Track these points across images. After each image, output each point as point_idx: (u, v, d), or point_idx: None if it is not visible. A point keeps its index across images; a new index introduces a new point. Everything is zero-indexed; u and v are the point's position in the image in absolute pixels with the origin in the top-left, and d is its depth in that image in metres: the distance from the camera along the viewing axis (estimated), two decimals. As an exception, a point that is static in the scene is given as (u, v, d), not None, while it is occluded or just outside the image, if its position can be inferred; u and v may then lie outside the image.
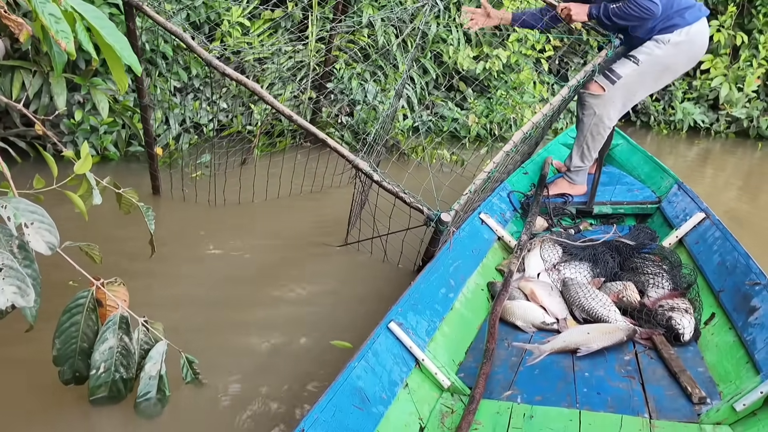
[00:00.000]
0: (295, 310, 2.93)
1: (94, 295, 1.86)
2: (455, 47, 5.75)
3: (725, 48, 6.50)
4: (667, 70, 3.26)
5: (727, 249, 2.56)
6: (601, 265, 2.77)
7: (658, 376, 2.11)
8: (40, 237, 1.50)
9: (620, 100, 3.31)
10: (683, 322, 2.30)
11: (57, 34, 1.46)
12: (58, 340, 1.83)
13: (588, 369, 2.16)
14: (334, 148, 2.87)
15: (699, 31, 3.17)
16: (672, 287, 2.57)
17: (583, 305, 2.49)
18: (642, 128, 6.88)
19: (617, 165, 3.87)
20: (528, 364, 2.20)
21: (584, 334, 2.30)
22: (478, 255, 2.88)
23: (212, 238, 3.61)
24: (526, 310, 2.52)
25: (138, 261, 3.04)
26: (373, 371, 1.92)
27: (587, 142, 3.42)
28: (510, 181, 3.54)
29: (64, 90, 4.25)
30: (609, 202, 3.42)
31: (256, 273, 3.25)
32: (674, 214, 3.11)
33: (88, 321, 1.85)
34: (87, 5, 1.56)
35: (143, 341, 1.97)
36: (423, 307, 2.32)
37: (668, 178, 3.41)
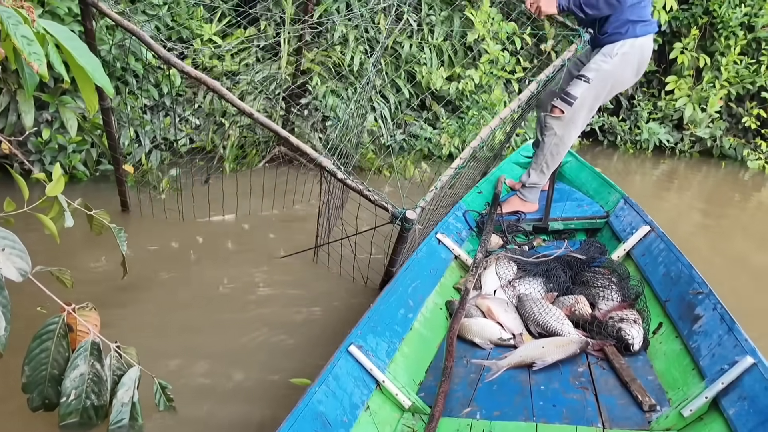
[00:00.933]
0: (265, 332, 2.95)
1: (65, 320, 1.83)
2: (428, 67, 5.86)
3: (689, 69, 6.73)
4: (616, 83, 3.41)
5: (672, 260, 2.67)
6: (554, 280, 2.86)
7: (610, 386, 2.19)
8: (11, 263, 1.47)
9: (580, 119, 3.46)
10: (632, 333, 2.39)
11: (29, 56, 1.45)
12: (28, 367, 1.79)
13: (543, 382, 2.23)
14: (297, 146, 2.87)
15: (643, 45, 3.32)
16: (621, 299, 2.67)
17: (538, 320, 2.56)
18: (609, 147, 7.07)
19: (567, 181, 4.00)
20: (486, 380, 2.25)
21: (539, 348, 2.37)
22: (436, 274, 2.93)
23: (183, 258, 3.61)
24: (483, 327, 2.58)
25: (109, 283, 3.02)
26: (333, 395, 1.95)
27: (546, 161, 3.54)
28: (465, 200, 3.62)
29: (32, 108, 4.18)
30: (560, 218, 3.53)
31: (227, 293, 3.26)
32: (621, 227, 3.22)
33: (59, 347, 1.82)
34: (59, 26, 1.55)
35: (115, 367, 1.93)
36: (382, 328, 2.35)
37: (615, 193, 3.54)
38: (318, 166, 2.82)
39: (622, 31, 3.27)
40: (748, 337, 1.99)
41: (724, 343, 2.06)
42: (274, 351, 2.80)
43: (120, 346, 2.00)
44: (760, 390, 1.79)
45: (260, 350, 2.80)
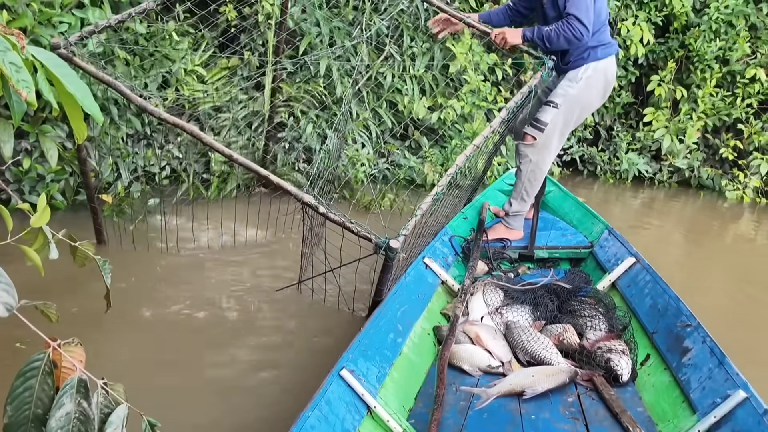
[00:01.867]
0: (252, 363, 2.93)
1: (50, 357, 1.76)
2: (410, 97, 5.91)
3: (666, 101, 6.87)
4: (584, 106, 3.50)
5: (658, 292, 2.70)
6: (542, 309, 2.87)
7: (600, 416, 2.19)
8: None
9: (553, 144, 3.52)
10: (621, 364, 2.40)
11: (18, 83, 1.40)
12: (10, 407, 1.68)
13: (534, 411, 2.22)
14: (278, 183, 2.88)
15: (606, 67, 3.41)
16: (608, 329, 2.69)
17: (527, 348, 2.56)
18: (589, 177, 7.13)
19: (550, 211, 4.04)
20: (476, 408, 2.24)
21: (529, 376, 2.36)
22: (424, 299, 2.92)
23: (165, 291, 3.54)
24: (472, 353, 2.57)
25: (91, 317, 2.93)
26: (326, 420, 1.91)
27: (525, 188, 3.59)
28: (451, 225, 3.63)
29: (11, 137, 4.07)
30: (545, 247, 3.55)
31: (211, 326, 3.22)
32: (606, 258, 3.26)
33: (44, 385, 1.71)
34: (47, 53, 1.50)
35: (103, 405, 1.85)
36: (373, 353, 2.33)
37: (599, 224, 3.58)
38: (301, 203, 2.83)
39: (584, 56, 3.36)
40: (739, 371, 2.02)
41: (714, 376, 2.08)
42: (261, 382, 2.78)
43: (107, 383, 1.93)
44: (753, 424, 1.80)
45: (246, 381, 2.77)
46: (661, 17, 6.70)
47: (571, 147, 6.98)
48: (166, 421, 2.18)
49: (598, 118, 7.05)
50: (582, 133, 7.01)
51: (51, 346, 1.77)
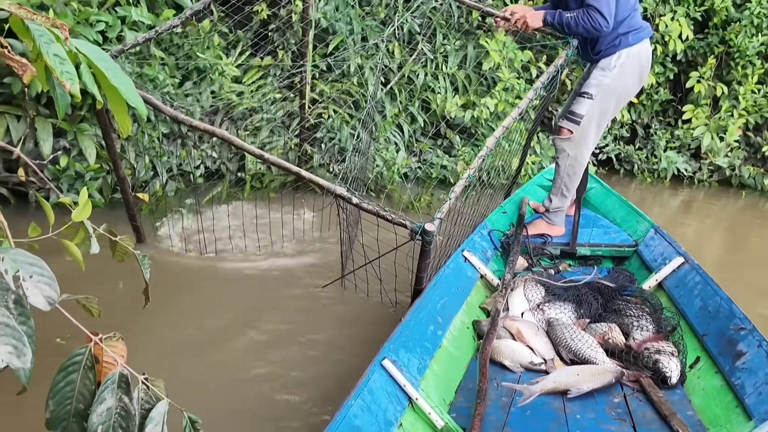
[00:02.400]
0: (293, 359, 2.90)
1: (91, 351, 1.73)
2: (443, 95, 5.83)
3: (706, 99, 6.67)
4: (620, 95, 3.38)
5: (709, 293, 2.61)
6: (585, 307, 2.79)
7: (648, 419, 2.12)
8: (38, 291, 1.35)
9: (590, 136, 3.42)
10: (670, 366, 2.32)
11: (62, 75, 1.38)
12: (52, 401, 1.64)
13: (579, 411, 2.15)
14: (310, 179, 2.88)
15: (640, 52, 3.28)
16: (656, 330, 2.61)
17: (570, 346, 2.49)
18: (625, 176, 6.95)
19: (592, 208, 3.95)
20: (519, 405, 2.18)
21: (574, 375, 2.30)
22: (463, 293, 2.87)
23: (204, 288, 3.54)
24: (513, 349, 2.51)
25: (130, 312, 2.93)
26: (369, 410, 1.88)
27: (565, 183, 3.51)
28: (490, 219, 3.57)
29: (50, 135, 4.15)
30: (587, 244, 3.47)
31: (252, 322, 3.19)
32: (652, 257, 3.16)
33: (85, 380, 1.67)
34: (91, 46, 1.48)
35: (144, 401, 1.82)
36: (413, 344, 2.29)
37: (644, 222, 3.49)
38: (333, 196, 2.81)
39: (615, 44, 3.25)
40: None
41: (772, 382, 2.00)
42: (303, 376, 2.76)
43: (148, 378, 1.90)
44: None
45: (288, 376, 2.75)
46: (700, 12, 6.51)
47: (607, 145, 6.83)
48: (206, 417, 2.16)
49: (635, 115, 6.88)
50: (618, 131, 6.86)
51: (92, 340, 1.74)
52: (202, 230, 3.96)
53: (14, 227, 1.63)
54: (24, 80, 1.42)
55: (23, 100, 4.14)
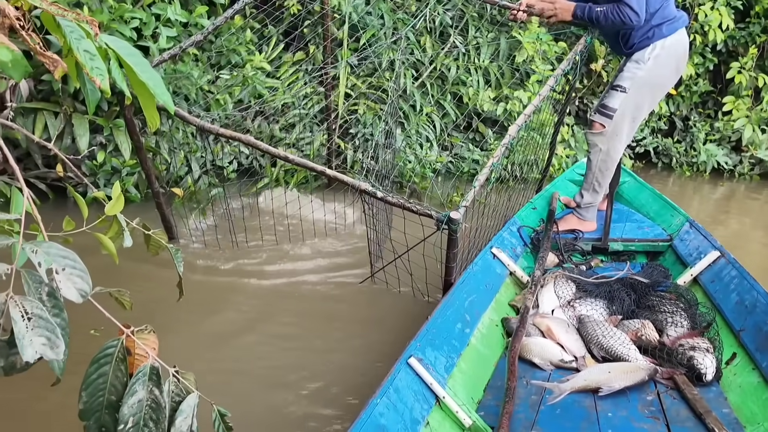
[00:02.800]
0: (321, 353, 2.91)
1: (123, 344, 1.76)
2: (475, 89, 5.77)
3: (747, 90, 6.46)
4: (655, 87, 3.28)
5: (746, 288, 2.53)
6: (618, 303, 2.73)
7: (682, 417, 2.07)
8: (71, 284, 1.37)
9: (624, 131, 3.33)
10: (705, 362, 2.27)
11: (92, 71, 1.40)
12: (85, 393, 1.65)
13: (611, 409, 2.11)
14: (335, 177, 2.93)
15: (675, 42, 3.18)
16: (690, 326, 2.54)
17: (602, 343, 2.45)
18: (663, 170, 6.77)
19: (625, 202, 3.87)
20: (549, 403, 2.15)
21: (605, 373, 2.26)
22: (492, 290, 2.84)
23: (235, 282, 3.56)
24: (543, 347, 2.47)
25: (161, 306, 2.97)
26: (395, 408, 1.87)
27: (597, 179, 3.44)
28: (519, 215, 3.53)
29: (86, 131, 4.25)
30: (620, 239, 3.40)
31: (281, 317, 3.23)
32: (687, 252, 3.09)
33: (117, 372, 1.68)
34: (120, 41, 1.49)
35: (174, 393, 1.84)
36: (440, 342, 2.27)
37: (679, 216, 3.40)
38: (358, 192, 2.84)
39: (648, 36, 3.15)
40: None
41: (812, 379, 1.93)
42: (336, 372, 2.77)
43: (178, 371, 1.91)
44: None
45: (322, 372, 2.77)
46: (741, 1, 6.29)
47: (644, 138, 6.67)
48: (235, 411, 2.18)
49: (674, 107, 6.70)
50: (656, 124, 6.69)
51: (124, 333, 1.77)
52: (231, 223, 3.99)
53: (52, 222, 1.68)
54: (55, 76, 1.44)
55: (60, 96, 4.25)
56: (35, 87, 4.22)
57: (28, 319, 1.29)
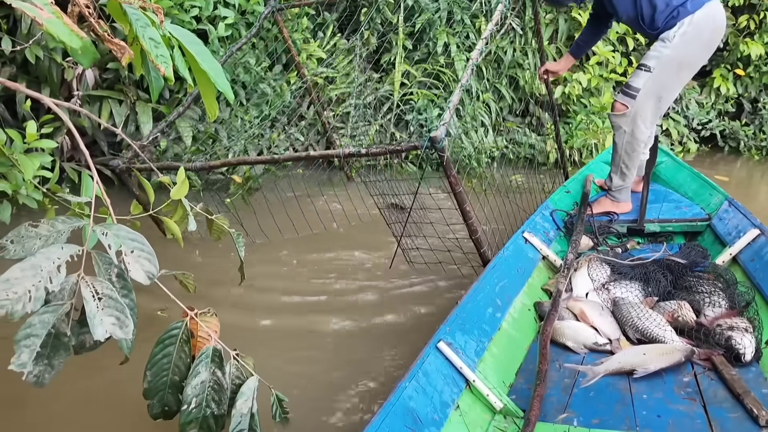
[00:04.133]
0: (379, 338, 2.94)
1: (188, 325, 1.80)
2: (532, 72, 5.69)
3: (821, 70, 6.23)
4: (683, 65, 3.13)
5: None
6: (653, 284, 2.68)
7: (720, 398, 2.02)
8: (139, 266, 1.43)
9: (648, 112, 3.21)
10: (744, 342, 2.20)
11: (157, 58, 1.45)
12: (150, 372, 1.74)
13: (646, 391, 2.08)
14: (320, 155, 3.05)
15: (704, 17, 3.02)
16: (729, 306, 2.48)
17: (637, 325, 2.40)
18: (731, 153, 6.57)
19: (662, 182, 3.79)
20: (582, 386, 2.13)
21: (640, 355, 2.22)
22: (524, 274, 2.82)
23: (290, 269, 3.61)
24: (576, 330, 2.45)
25: (222, 289, 3.02)
26: (424, 391, 1.88)
27: (624, 161, 3.35)
28: (552, 199, 3.49)
29: (150, 119, 4.40)
30: (657, 220, 3.33)
31: (338, 301, 3.26)
32: (726, 231, 3.01)
33: (181, 353, 1.76)
34: (183, 30, 1.54)
35: (234, 376, 1.86)
36: (471, 326, 2.27)
37: (717, 195, 3.32)
38: (343, 157, 2.94)
39: (674, 15, 3.03)
40: None
41: None
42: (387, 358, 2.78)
43: (239, 354, 1.93)
44: None
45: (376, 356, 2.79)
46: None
47: (710, 121, 6.45)
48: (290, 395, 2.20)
49: (742, 89, 6.45)
50: (723, 106, 6.46)
51: (188, 315, 1.81)
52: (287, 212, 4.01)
53: (117, 207, 1.73)
54: (122, 62, 1.50)
55: (124, 84, 4.41)
56: (100, 75, 4.38)
57: (99, 299, 1.35)
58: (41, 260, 1.32)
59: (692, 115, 6.43)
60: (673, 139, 6.26)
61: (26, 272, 1.29)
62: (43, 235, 1.45)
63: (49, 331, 1.35)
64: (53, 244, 1.43)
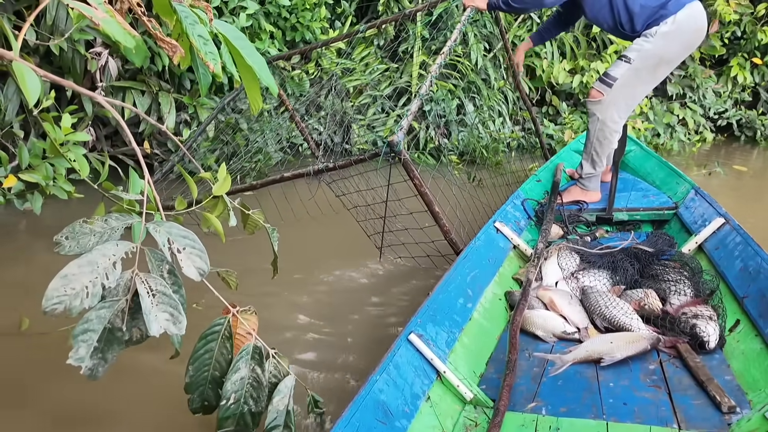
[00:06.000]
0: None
1: (230, 322, 1.78)
2: (549, 61, 5.66)
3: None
4: (662, 62, 3.23)
5: (750, 254, 2.51)
6: (621, 273, 2.72)
7: (684, 385, 2.06)
8: (191, 263, 1.44)
9: (621, 101, 3.31)
10: (708, 330, 2.25)
11: (206, 55, 1.46)
12: (192, 367, 1.74)
13: (612, 379, 2.12)
14: (291, 176, 3.08)
15: (686, 18, 3.13)
16: (694, 294, 2.53)
17: (604, 314, 2.44)
18: (747, 143, 6.58)
19: (631, 171, 3.84)
20: (551, 375, 2.16)
21: (607, 343, 2.26)
22: (495, 264, 2.84)
23: (321, 262, 3.54)
24: (546, 319, 2.48)
25: (256, 285, 2.98)
26: (395, 384, 1.89)
27: (595, 148, 3.41)
28: (523, 188, 3.51)
29: (173, 109, 4.41)
30: (625, 209, 3.38)
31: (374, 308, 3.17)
32: (692, 219, 3.06)
33: (222, 349, 1.76)
34: (228, 26, 1.55)
35: (272, 374, 1.85)
36: (442, 317, 2.28)
37: (684, 184, 3.37)
38: (313, 174, 2.99)
39: (655, 18, 3.15)
40: None
41: (814, 344, 1.91)
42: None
43: (277, 353, 1.92)
44: None
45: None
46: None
47: (726, 111, 6.45)
48: (324, 394, 2.16)
49: (759, 78, 6.47)
50: (739, 96, 6.47)
51: (230, 311, 1.80)
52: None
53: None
54: (174, 60, 1.50)
55: (147, 75, 4.41)
56: (122, 66, 4.36)
57: (153, 295, 1.37)
58: (97, 257, 1.34)
59: (709, 104, 6.42)
60: (689, 128, 6.24)
61: (83, 268, 1.31)
62: (98, 232, 1.47)
63: (105, 326, 1.37)
64: (107, 240, 1.44)
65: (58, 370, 1.61)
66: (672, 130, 6.01)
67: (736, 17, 6.07)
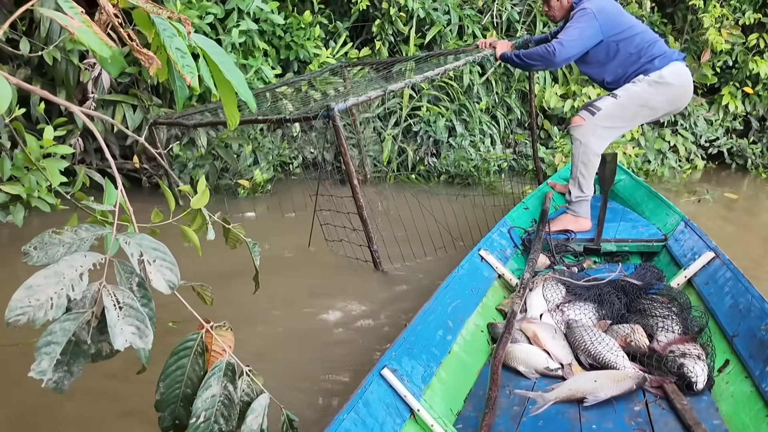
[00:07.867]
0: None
1: (203, 338, 1.72)
2: (541, 86, 5.73)
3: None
4: (645, 106, 3.40)
5: (740, 291, 2.43)
6: (607, 307, 2.63)
7: (670, 428, 1.97)
8: (161, 275, 1.40)
9: (601, 130, 3.41)
10: (696, 370, 2.16)
11: (183, 68, 1.46)
12: (163, 384, 1.69)
13: (596, 420, 2.02)
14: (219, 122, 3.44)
15: (672, 74, 3.34)
16: (682, 331, 2.44)
17: (589, 350, 2.35)
18: (738, 171, 6.58)
19: (620, 201, 3.77)
20: (531, 414, 2.05)
21: (591, 381, 2.16)
22: (478, 294, 2.75)
23: (304, 283, 3.50)
24: (528, 354, 2.38)
25: (235, 300, 2.92)
26: (363, 424, 1.78)
27: (581, 171, 3.45)
28: (510, 216, 3.43)
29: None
30: (613, 239, 3.30)
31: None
32: (681, 252, 2.98)
33: (195, 365, 1.70)
34: (207, 40, 1.54)
35: (245, 392, 1.79)
36: (419, 350, 2.18)
37: (674, 215, 3.30)
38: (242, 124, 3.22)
39: (641, 72, 3.38)
40: None
41: (807, 389, 1.82)
42: None
43: (252, 371, 1.86)
44: None
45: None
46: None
47: (718, 139, 6.48)
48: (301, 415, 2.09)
49: (750, 107, 6.52)
50: (731, 124, 6.51)
51: (204, 327, 1.73)
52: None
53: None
54: (150, 72, 1.49)
55: (138, 90, 4.46)
56: (115, 80, 4.42)
57: (120, 308, 1.33)
58: (64, 268, 1.32)
59: (700, 131, 6.49)
60: (680, 155, 6.29)
61: (49, 279, 1.30)
62: (67, 243, 1.45)
63: (70, 339, 1.35)
64: (76, 251, 1.42)
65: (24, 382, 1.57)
66: (663, 156, 6.01)
67: (728, 47, 6.14)
